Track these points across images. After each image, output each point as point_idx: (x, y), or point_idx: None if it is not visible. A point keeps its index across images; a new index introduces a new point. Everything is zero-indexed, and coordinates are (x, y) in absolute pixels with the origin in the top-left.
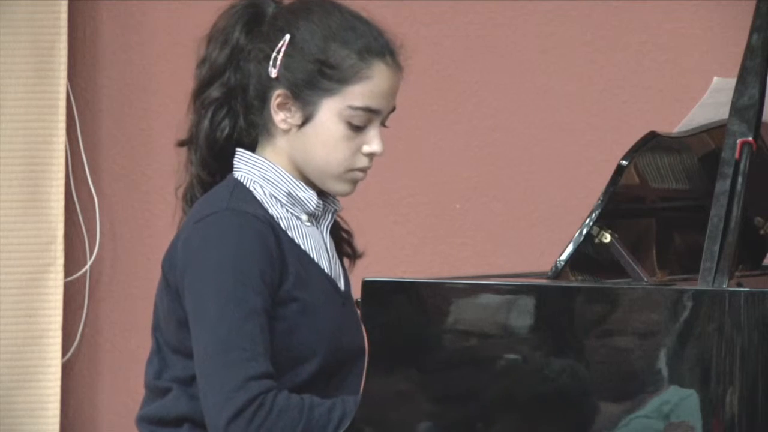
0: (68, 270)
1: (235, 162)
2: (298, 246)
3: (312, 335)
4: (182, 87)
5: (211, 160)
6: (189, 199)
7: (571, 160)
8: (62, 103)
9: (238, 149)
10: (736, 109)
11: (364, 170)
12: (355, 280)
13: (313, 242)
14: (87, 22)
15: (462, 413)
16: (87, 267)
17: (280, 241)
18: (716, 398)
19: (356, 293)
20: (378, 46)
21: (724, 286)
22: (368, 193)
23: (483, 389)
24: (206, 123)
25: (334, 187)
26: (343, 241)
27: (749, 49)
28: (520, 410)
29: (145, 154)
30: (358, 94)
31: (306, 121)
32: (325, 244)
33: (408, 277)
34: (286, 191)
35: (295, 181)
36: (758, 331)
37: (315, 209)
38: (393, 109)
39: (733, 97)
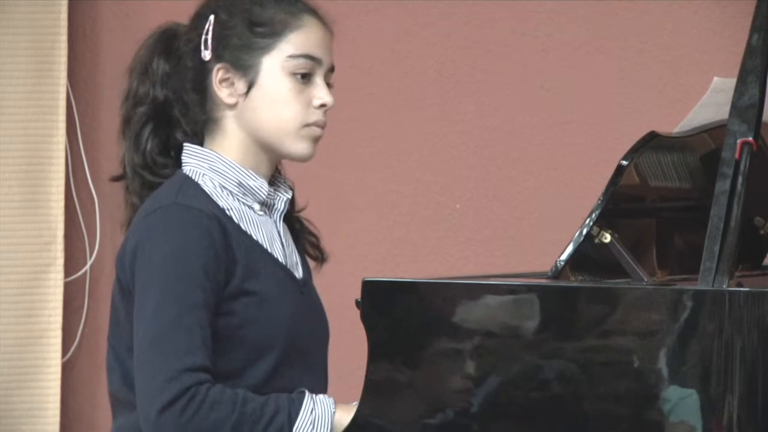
0: (68, 270)
1: (183, 157)
2: (250, 237)
3: (268, 327)
4: None
5: (152, 178)
6: None
7: (571, 160)
8: (62, 103)
9: (185, 144)
10: (736, 109)
11: (319, 125)
12: (355, 280)
13: (266, 232)
14: (87, 22)
15: (462, 413)
16: (87, 267)
17: (228, 235)
18: (716, 398)
19: (356, 293)
20: (301, 3)
21: (724, 286)
22: (368, 193)
23: (483, 389)
24: (135, 145)
25: (295, 147)
26: (310, 245)
27: (749, 49)
28: (520, 410)
29: None
30: (294, 43)
31: (251, 86)
32: (279, 233)
33: (408, 277)
34: (236, 181)
35: (244, 170)
36: (758, 331)
37: (267, 197)
38: (332, 69)
39: (733, 97)
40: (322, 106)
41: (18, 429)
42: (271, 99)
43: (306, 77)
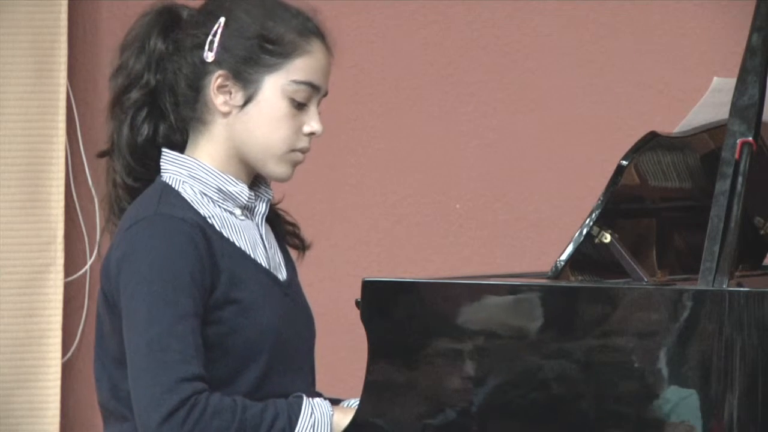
0: (68, 270)
1: (162, 164)
2: (233, 244)
3: (255, 335)
4: None
5: (136, 165)
6: (117, 210)
7: (571, 160)
8: (62, 103)
9: (164, 150)
10: (736, 109)
11: (303, 151)
12: (355, 280)
13: (248, 237)
14: (87, 22)
15: (462, 413)
16: (87, 267)
17: (211, 243)
18: (716, 398)
19: (356, 293)
20: (313, 26)
21: (724, 286)
22: (368, 193)
23: (482, 389)
24: (126, 128)
25: (276, 169)
26: (289, 235)
27: (749, 49)
28: (520, 410)
29: None
30: (300, 69)
31: (248, 100)
32: (261, 236)
33: (408, 277)
34: (216, 187)
35: (224, 176)
36: (758, 331)
37: (248, 201)
38: (326, 94)
39: (733, 97)
40: (312, 133)
41: (18, 429)
42: (265, 118)
43: (302, 104)
